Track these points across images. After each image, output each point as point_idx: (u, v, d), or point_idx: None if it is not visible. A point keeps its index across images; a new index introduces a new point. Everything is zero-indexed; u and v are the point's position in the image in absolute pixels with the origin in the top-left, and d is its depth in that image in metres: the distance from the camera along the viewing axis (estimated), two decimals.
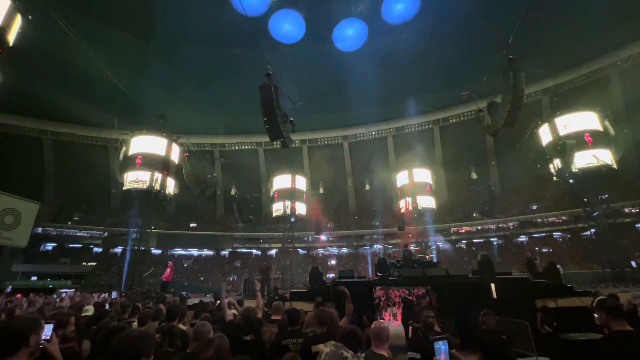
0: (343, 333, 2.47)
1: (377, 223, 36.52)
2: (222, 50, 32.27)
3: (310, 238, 36.73)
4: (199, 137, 39.31)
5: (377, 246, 35.71)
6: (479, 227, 33.33)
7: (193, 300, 9.54)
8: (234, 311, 5.63)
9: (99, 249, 34.15)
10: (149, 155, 21.15)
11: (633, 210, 25.78)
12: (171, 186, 21.97)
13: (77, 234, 34.21)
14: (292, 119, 12.10)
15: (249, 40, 28.67)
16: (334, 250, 37.79)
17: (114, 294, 11.04)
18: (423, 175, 27.52)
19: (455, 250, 33.22)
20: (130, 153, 21.14)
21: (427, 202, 26.82)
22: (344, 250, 37.50)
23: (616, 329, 2.35)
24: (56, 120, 35.22)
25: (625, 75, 28.64)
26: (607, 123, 18.83)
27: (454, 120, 36.88)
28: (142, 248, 23.16)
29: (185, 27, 29.79)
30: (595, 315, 2.72)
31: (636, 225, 25.73)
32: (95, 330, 3.29)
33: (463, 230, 34.15)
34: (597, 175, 18.71)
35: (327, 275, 19.18)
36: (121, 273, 20.37)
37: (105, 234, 34.28)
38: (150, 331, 1.73)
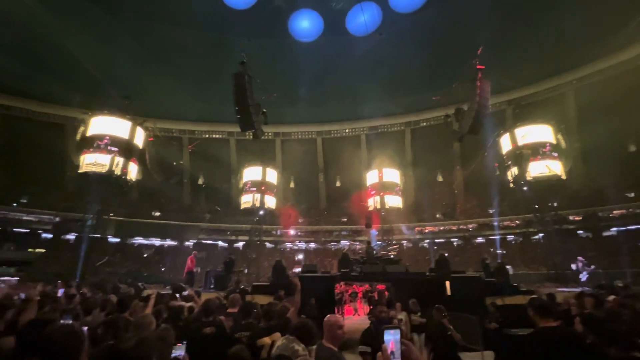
0: (295, 326, 2.48)
1: (345, 220, 37.09)
2: (198, 34, 30.91)
3: (278, 232, 36.56)
4: (167, 122, 37.54)
5: (345, 242, 36.32)
6: (441, 228, 34.89)
7: (149, 292, 9.17)
8: (192, 304, 5.49)
9: (49, 235, 31.71)
10: (111, 138, 19.94)
11: (577, 218, 28.22)
12: (133, 171, 20.90)
13: (24, 218, 31.50)
14: (265, 110, 11.91)
15: (227, 27, 27.79)
16: (302, 245, 37.90)
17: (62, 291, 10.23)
18: (392, 175, 28.31)
19: (418, 248, 34.58)
20: (89, 134, 19.82)
21: (395, 201, 27.66)
22: (312, 245, 37.73)
23: (542, 325, 2.59)
24: (7, 93, 32.13)
25: (578, 94, 31.18)
26: (559, 136, 20.39)
27: (424, 123, 38.13)
28: (99, 235, 21.91)
29: (159, 5, 28.18)
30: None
31: (578, 231, 28.20)
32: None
33: (427, 230, 35.58)
34: (548, 184, 20.27)
35: (294, 270, 19.29)
36: (75, 262, 19.11)
37: (57, 219, 31.89)
38: (79, 327, 1.60)
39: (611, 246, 25.90)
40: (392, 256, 15.37)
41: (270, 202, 27.11)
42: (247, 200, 26.69)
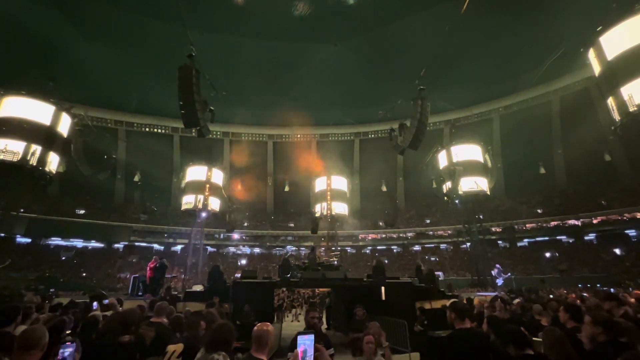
0: (211, 330, 2.41)
1: (292, 225, 36.96)
2: (143, 19, 28.65)
3: (222, 235, 35.04)
4: (102, 111, 34.07)
5: (290, 247, 36.12)
6: (383, 235, 36.62)
7: (63, 300, 8.08)
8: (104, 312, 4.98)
9: None
10: (28, 122, 17.31)
11: (497, 230, 31.79)
12: (54, 163, 18.35)
13: None
14: (212, 107, 11.42)
15: (180, 18, 26.20)
16: (247, 250, 36.80)
17: None
18: (340, 182, 28.98)
19: (361, 255, 35.81)
20: None
21: (341, 208, 28.31)
22: (257, 250, 36.85)
23: (458, 326, 2.87)
24: None
25: (503, 120, 35.53)
26: (487, 156, 22.83)
27: (372, 135, 39.98)
28: (2, 235, 18.80)
29: None
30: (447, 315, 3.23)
31: (499, 241, 31.77)
32: None
33: (370, 237, 37.04)
34: (475, 199, 22.53)
35: (235, 275, 18.60)
36: None
37: None
38: None
39: (523, 255, 29.67)
40: (334, 262, 15.68)
41: (215, 204, 25.88)
42: (188, 201, 25.09)
